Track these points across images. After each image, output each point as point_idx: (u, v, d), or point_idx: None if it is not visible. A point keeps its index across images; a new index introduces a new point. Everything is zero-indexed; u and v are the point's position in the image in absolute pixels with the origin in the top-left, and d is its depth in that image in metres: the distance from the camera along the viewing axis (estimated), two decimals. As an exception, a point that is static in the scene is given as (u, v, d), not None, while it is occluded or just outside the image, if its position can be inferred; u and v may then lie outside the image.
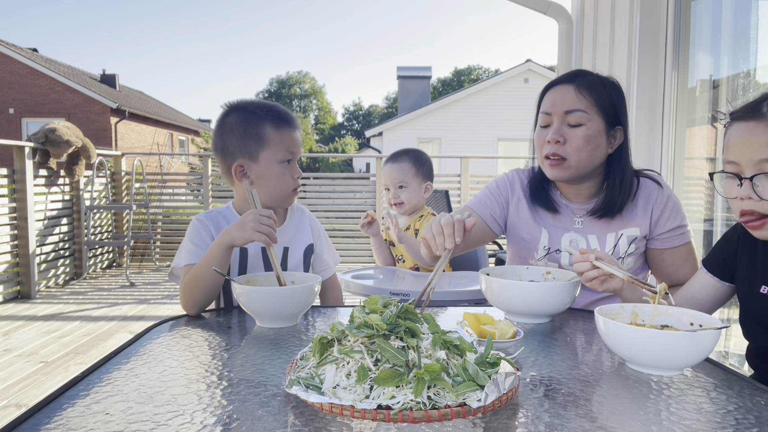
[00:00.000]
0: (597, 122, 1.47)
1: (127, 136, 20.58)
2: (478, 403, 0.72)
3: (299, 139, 1.57)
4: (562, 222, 1.59)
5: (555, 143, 1.48)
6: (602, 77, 1.53)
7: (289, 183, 1.54)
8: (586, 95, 1.47)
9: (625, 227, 1.53)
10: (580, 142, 1.46)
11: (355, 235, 7.24)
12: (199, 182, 7.30)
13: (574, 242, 1.56)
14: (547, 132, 1.51)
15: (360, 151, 30.77)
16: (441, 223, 1.20)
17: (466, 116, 19.05)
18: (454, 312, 1.39)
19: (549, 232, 1.60)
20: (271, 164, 1.50)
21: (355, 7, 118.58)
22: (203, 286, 1.33)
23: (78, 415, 0.76)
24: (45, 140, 5.51)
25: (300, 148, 1.57)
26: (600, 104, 1.48)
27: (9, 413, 2.79)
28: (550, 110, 1.51)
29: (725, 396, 0.84)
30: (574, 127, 1.47)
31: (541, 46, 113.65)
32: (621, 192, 1.51)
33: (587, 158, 1.47)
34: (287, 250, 1.59)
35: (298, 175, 1.55)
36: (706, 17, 2.68)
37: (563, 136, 1.47)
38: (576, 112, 1.46)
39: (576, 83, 1.49)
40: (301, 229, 1.66)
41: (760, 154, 1.07)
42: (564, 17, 3.60)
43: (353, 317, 0.87)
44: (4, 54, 18.97)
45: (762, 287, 1.18)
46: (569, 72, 1.57)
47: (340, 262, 1.80)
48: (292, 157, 1.53)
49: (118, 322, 4.52)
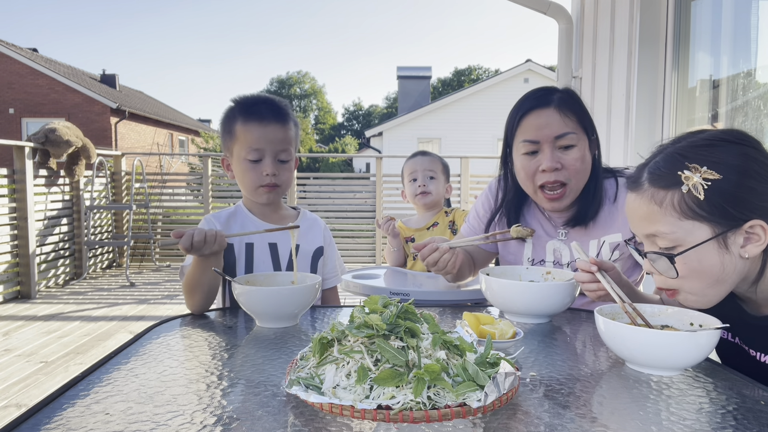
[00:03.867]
0: (583, 139, 1.45)
1: (127, 136, 20.58)
2: (478, 403, 0.72)
3: (276, 135, 1.49)
4: (545, 232, 1.59)
5: (553, 171, 1.43)
6: (568, 90, 1.50)
7: (253, 180, 1.50)
8: (570, 115, 1.43)
9: (607, 233, 1.52)
10: (577, 164, 1.43)
11: (356, 235, 7.24)
12: (199, 182, 7.30)
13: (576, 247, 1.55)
14: (535, 160, 1.45)
15: (360, 151, 30.76)
16: (432, 262, 1.42)
17: (466, 116, 19.07)
18: (454, 312, 1.39)
19: (533, 243, 1.60)
20: (238, 160, 1.51)
21: (356, 7, 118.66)
22: (198, 288, 1.34)
23: (78, 415, 0.76)
24: (45, 140, 5.51)
25: (277, 144, 1.49)
26: (579, 120, 1.45)
27: (9, 413, 2.79)
28: (537, 138, 1.44)
29: (725, 396, 0.84)
30: (566, 149, 1.43)
31: (541, 46, 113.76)
32: (593, 201, 1.49)
33: (583, 179, 1.46)
34: (297, 247, 1.58)
35: (268, 171, 1.49)
36: (706, 17, 2.68)
37: (560, 162, 1.43)
38: (567, 135, 1.42)
39: (555, 104, 1.44)
40: (312, 231, 1.65)
41: (644, 229, 1.02)
42: (564, 17, 3.60)
43: (353, 317, 0.87)
44: (4, 54, 18.98)
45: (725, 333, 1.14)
46: (538, 94, 1.49)
47: (344, 272, 1.75)
48: (257, 154, 1.48)
49: (118, 322, 4.52)
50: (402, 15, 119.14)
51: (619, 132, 3.09)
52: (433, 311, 1.38)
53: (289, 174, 1.56)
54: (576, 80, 3.62)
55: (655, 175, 1.00)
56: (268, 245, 1.54)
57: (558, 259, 1.57)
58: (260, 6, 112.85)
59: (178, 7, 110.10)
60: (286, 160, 1.53)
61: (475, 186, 7.11)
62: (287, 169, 1.55)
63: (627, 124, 2.98)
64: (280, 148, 1.50)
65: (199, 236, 1.27)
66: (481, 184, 7.13)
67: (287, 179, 1.56)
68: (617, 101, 3.03)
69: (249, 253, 1.52)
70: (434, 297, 1.90)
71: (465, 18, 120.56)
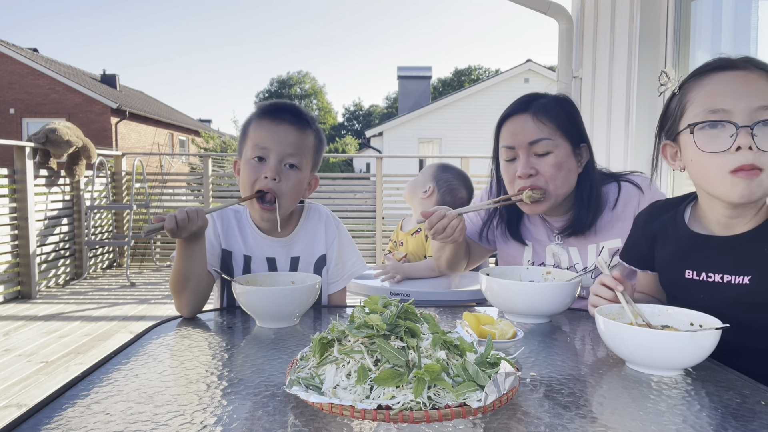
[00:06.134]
0: (563, 146, 1.44)
1: (128, 136, 20.59)
2: (478, 404, 0.72)
3: (287, 136, 1.37)
4: (543, 236, 1.59)
5: (528, 177, 1.43)
6: (556, 97, 1.49)
7: (251, 178, 1.38)
8: (546, 121, 1.43)
9: (607, 239, 1.51)
10: (552, 170, 1.42)
11: (356, 235, 7.24)
12: (199, 182, 7.30)
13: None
14: (514, 166, 1.46)
15: (360, 151, 30.78)
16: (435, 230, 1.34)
17: (467, 116, 19.05)
18: (454, 312, 1.39)
19: (533, 246, 1.60)
20: (245, 160, 1.41)
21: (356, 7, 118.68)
22: (186, 283, 1.31)
23: (78, 415, 0.76)
24: (45, 140, 5.52)
25: (286, 146, 1.37)
26: (561, 127, 1.44)
27: (9, 413, 2.79)
28: (512, 143, 1.45)
29: (725, 396, 0.84)
30: (542, 156, 1.43)
31: (541, 46, 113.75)
32: (589, 209, 1.48)
33: (561, 185, 1.45)
34: (296, 260, 1.49)
35: (268, 173, 1.36)
36: (706, 17, 2.68)
37: (534, 167, 1.43)
38: (541, 141, 1.42)
39: (532, 111, 1.44)
40: (315, 238, 1.52)
41: (757, 101, 0.99)
42: (564, 17, 3.60)
43: (353, 317, 0.87)
44: (4, 54, 18.99)
45: (686, 272, 1.15)
46: (521, 99, 1.50)
47: (360, 273, 1.59)
48: (262, 152, 1.37)
49: (119, 322, 4.52)
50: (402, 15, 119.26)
51: (619, 132, 3.09)
52: (433, 311, 1.38)
53: (293, 185, 1.39)
54: (576, 80, 3.62)
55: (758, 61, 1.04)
56: (266, 259, 1.47)
57: (558, 263, 1.57)
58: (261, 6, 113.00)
59: (178, 7, 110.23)
60: (294, 165, 1.38)
61: (476, 186, 7.09)
62: (293, 179, 1.38)
63: (627, 124, 2.98)
64: (288, 150, 1.37)
65: (182, 215, 1.24)
66: (481, 184, 7.06)
67: (290, 190, 1.38)
68: (617, 101, 3.03)
69: (247, 267, 1.46)
70: (434, 297, 1.91)
71: (465, 18, 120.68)
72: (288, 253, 1.48)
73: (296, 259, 1.49)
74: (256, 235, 1.47)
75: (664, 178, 2.82)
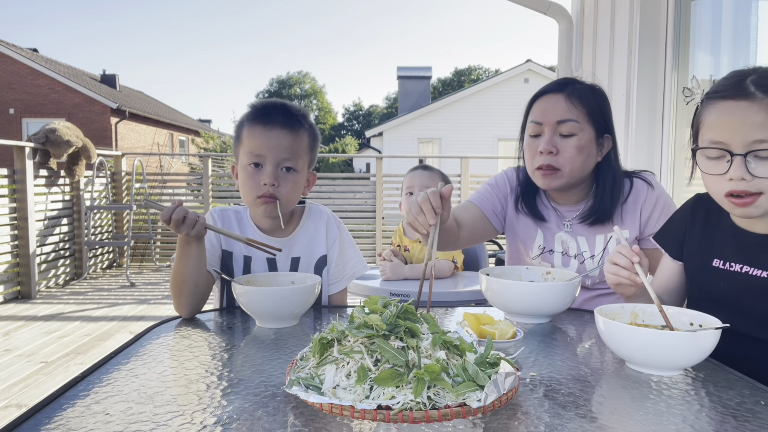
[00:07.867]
0: (588, 131, 1.47)
1: (128, 137, 20.58)
2: (478, 404, 0.72)
3: (281, 141, 1.38)
4: (553, 223, 1.61)
5: (548, 154, 1.47)
6: (591, 85, 1.52)
7: (252, 188, 1.39)
8: (577, 105, 1.47)
9: (613, 230, 1.53)
10: (572, 152, 1.46)
11: (356, 235, 7.24)
12: (199, 182, 7.30)
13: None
14: (538, 142, 1.50)
15: (360, 151, 30.76)
16: (418, 202, 1.20)
17: (466, 116, 19.04)
18: (454, 312, 1.39)
19: (543, 232, 1.61)
20: (242, 166, 1.42)
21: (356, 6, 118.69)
22: (184, 285, 1.31)
23: (78, 415, 0.76)
24: (45, 140, 5.52)
25: (280, 151, 1.38)
26: (590, 113, 1.48)
27: (9, 413, 2.79)
28: (541, 120, 1.49)
29: (725, 396, 0.84)
30: (566, 137, 1.47)
31: (541, 46, 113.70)
32: (612, 198, 1.51)
33: (579, 168, 1.48)
34: (297, 260, 1.49)
35: (266, 180, 1.37)
36: (706, 17, 2.69)
37: (555, 146, 1.46)
38: (568, 122, 1.46)
39: (566, 92, 1.48)
40: (315, 239, 1.52)
41: (753, 135, 1.03)
42: (564, 17, 3.60)
43: (353, 317, 0.87)
44: (4, 54, 18.98)
45: (714, 260, 1.19)
46: (558, 80, 1.55)
47: (361, 273, 1.58)
48: (257, 159, 1.38)
49: (119, 322, 4.52)
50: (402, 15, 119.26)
51: (619, 132, 3.07)
52: (433, 311, 1.38)
53: (292, 187, 1.41)
54: (576, 80, 3.62)
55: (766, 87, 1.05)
56: (267, 260, 1.47)
57: (566, 251, 1.59)
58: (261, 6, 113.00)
59: (178, 7, 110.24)
60: (291, 168, 1.40)
61: (476, 186, 7.11)
62: (291, 181, 1.40)
63: (627, 124, 2.98)
64: (284, 155, 1.38)
65: (178, 214, 1.23)
66: (481, 184, 7.12)
67: (289, 192, 1.41)
68: (617, 101, 3.03)
69: (247, 267, 1.46)
70: (434, 297, 1.91)
71: (465, 18, 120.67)
72: (288, 253, 1.49)
73: (296, 259, 1.49)
74: (257, 236, 1.48)
75: (664, 179, 2.82)
